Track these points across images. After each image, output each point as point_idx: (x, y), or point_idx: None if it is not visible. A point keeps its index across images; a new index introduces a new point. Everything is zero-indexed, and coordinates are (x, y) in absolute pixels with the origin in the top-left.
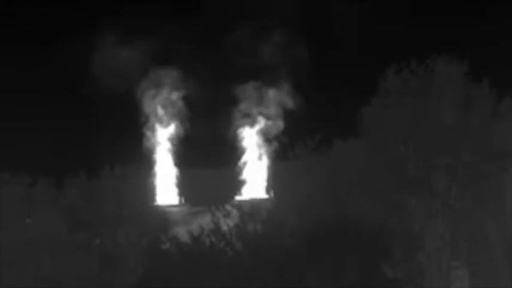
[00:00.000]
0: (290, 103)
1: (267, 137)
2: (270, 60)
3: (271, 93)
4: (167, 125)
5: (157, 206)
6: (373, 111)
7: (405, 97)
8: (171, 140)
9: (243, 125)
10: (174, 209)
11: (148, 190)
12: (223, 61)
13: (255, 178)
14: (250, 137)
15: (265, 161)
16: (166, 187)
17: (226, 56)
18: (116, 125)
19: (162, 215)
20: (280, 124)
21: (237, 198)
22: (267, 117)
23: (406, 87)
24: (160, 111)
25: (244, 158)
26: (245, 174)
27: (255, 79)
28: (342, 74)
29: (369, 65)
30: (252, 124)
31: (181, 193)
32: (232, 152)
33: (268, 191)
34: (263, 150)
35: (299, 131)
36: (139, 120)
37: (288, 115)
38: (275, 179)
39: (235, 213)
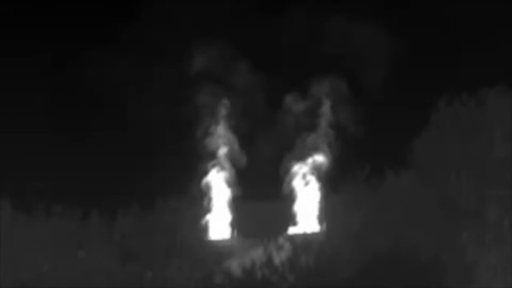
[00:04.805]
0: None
1: (318, 170)
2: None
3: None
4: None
5: (210, 240)
6: (424, 143)
7: (456, 129)
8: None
9: (295, 159)
10: (227, 243)
11: (201, 223)
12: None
13: (307, 211)
14: (301, 170)
15: (317, 194)
16: (219, 220)
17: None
18: (171, 156)
19: (215, 248)
20: (330, 157)
21: (290, 231)
22: (318, 152)
23: (457, 119)
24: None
25: (296, 191)
26: (297, 208)
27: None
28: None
29: (419, 97)
30: (303, 157)
31: (234, 226)
32: (284, 185)
33: (320, 224)
34: (314, 183)
35: (350, 164)
36: (196, 154)
37: (338, 148)
38: (327, 212)
39: (287, 246)
